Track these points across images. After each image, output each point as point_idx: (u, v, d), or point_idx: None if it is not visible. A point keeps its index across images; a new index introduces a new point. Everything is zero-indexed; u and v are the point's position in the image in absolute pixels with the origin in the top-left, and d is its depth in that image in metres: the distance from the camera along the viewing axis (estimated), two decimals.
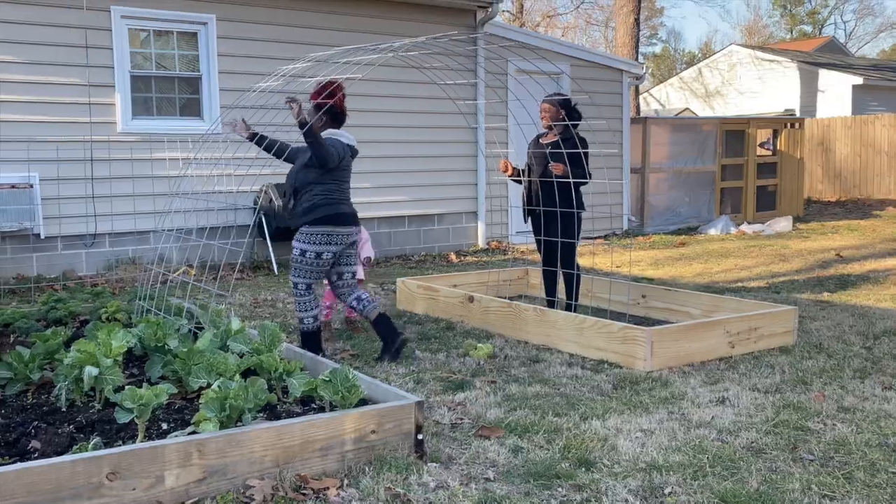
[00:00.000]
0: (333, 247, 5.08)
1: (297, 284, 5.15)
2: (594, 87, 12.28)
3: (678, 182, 13.82)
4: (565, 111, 6.04)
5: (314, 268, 5.09)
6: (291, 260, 5.16)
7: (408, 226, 10.66)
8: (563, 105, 6.06)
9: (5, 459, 3.16)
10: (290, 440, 3.22)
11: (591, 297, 6.90)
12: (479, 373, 4.86)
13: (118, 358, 3.97)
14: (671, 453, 3.56)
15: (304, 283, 5.12)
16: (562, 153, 5.85)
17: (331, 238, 5.06)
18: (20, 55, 8.01)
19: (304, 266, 5.08)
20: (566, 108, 6.06)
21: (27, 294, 7.35)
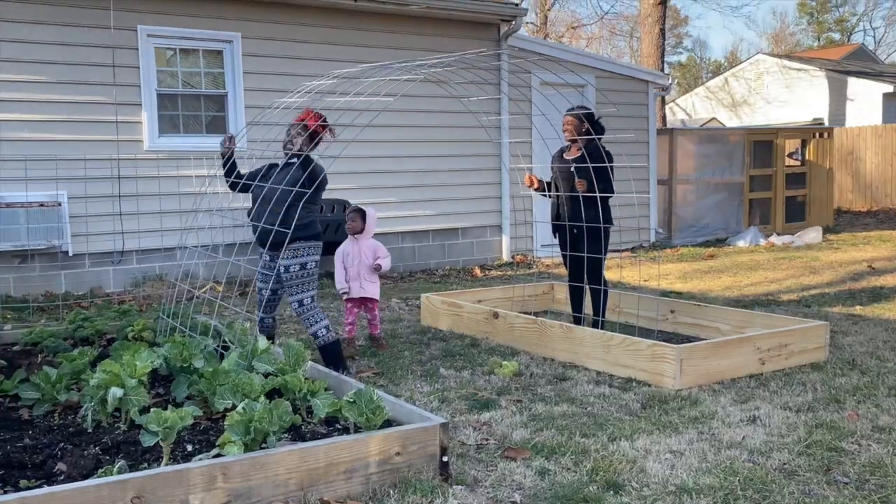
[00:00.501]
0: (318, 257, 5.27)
1: (304, 300, 5.14)
2: (619, 98, 12.21)
3: (706, 193, 13.68)
4: (588, 124, 5.99)
5: (314, 278, 5.20)
6: (291, 278, 5.07)
7: (432, 240, 10.64)
8: (587, 118, 6.02)
9: (31, 482, 3.17)
10: (315, 462, 3.20)
11: (618, 313, 6.82)
12: (504, 391, 4.81)
13: (143, 378, 3.98)
14: (701, 475, 3.49)
15: (310, 295, 5.15)
16: (586, 167, 5.80)
17: (319, 249, 5.23)
18: (49, 75, 8.12)
19: (307, 278, 5.15)
20: (589, 122, 6.01)
21: (55, 311, 7.42)
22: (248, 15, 9.12)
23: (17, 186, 7.88)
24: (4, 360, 4.76)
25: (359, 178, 9.79)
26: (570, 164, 5.96)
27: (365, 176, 9.88)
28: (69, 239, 8.11)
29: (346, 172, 9.53)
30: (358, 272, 5.87)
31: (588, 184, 5.78)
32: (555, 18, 31.70)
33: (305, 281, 5.13)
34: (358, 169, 9.74)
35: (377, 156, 9.96)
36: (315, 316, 5.16)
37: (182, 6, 8.74)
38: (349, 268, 5.90)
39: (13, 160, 7.87)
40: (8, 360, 4.89)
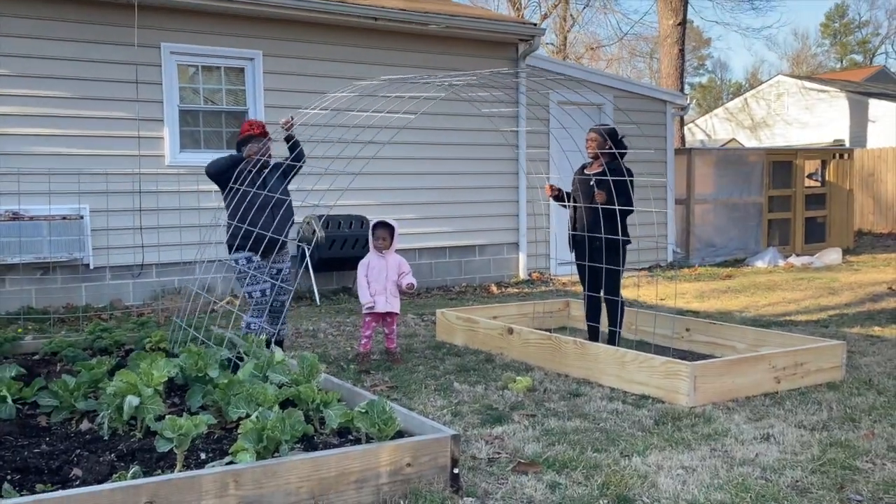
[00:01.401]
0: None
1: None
2: (638, 118, 12.22)
3: (724, 213, 13.64)
4: (612, 141, 6.02)
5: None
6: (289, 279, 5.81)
7: (449, 257, 10.68)
8: (610, 135, 6.05)
9: (48, 486, 3.21)
10: (326, 472, 3.22)
11: (634, 331, 6.81)
12: (517, 406, 4.82)
13: (159, 387, 4.03)
14: (713, 491, 3.48)
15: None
16: (607, 181, 5.82)
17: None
18: (73, 90, 8.26)
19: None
20: (613, 139, 6.04)
21: (76, 323, 7.51)
22: (269, 33, 9.25)
23: (40, 200, 8.01)
24: (24, 368, 4.82)
25: (377, 194, 9.86)
26: (591, 178, 6.00)
27: (383, 192, 9.95)
28: (90, 252, 8.22)
29: (365, 189, 9.62)
30: (384, 287, 5.89)
31: (607, 199, 5.80)
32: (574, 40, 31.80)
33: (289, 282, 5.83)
34: (376, 185, 9.81)
35: (395, 172, 10.03)
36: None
37: (205, 24, 8.88)
38: (374, 282, 5.90)
39: (37, 174, 8.00)
40: (28, 369, 4.96)
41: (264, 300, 5.64)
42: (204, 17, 8.86)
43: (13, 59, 8.00)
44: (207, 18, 8.89)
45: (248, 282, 5.60)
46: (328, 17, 9.40)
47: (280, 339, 5.98)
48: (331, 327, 7.54)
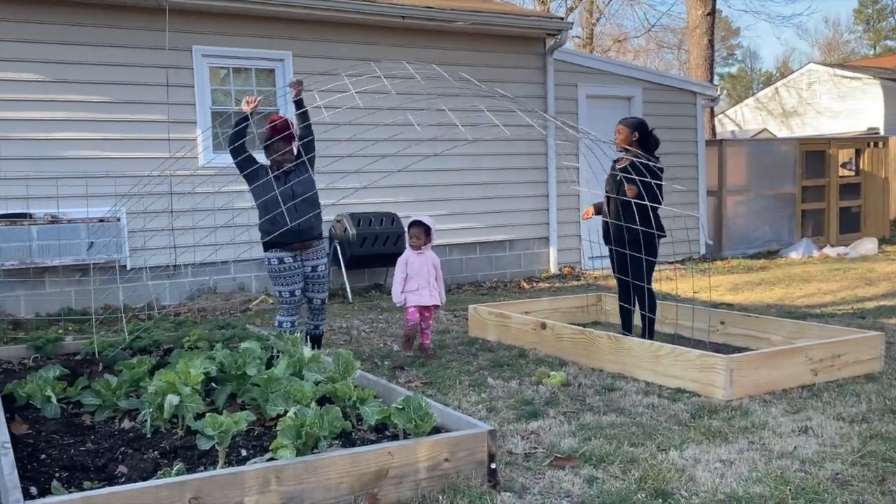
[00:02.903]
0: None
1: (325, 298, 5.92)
2: (667, 110, 12.15)
3: (757, 205, 13.50)
4: (640, 134, 5.99)
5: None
6: (325, 275, 5.85)
7: (479, 252, 10.69)
8: (638, 128, 6.02)
9: (94, 484, 3.29)
10: (366, 467, 3.26)
11: (668, 324, 6.78)
12: (552, 401, 4.83)
13: (197, 386, 4.09)
14: (752, 484, 3.46)
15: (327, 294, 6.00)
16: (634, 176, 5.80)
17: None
18: (108, 95, 8.40)
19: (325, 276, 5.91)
20: (640, 131, 6.01)
21: (114, 323, 7.64)
22: (298, 34, 9.33)
23: (78, 203, 8.16)
24: (67, 368, 4.93)
25: (407, 191, 9.91)
26: (618, 173, 5.98)
27: (413, 189, 9.99)
28: (127, 253, 8.36)
29: (395, 186, 9.67)
30: (427, 281, 5.99)
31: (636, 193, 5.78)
32: (601, 32, 31.60)
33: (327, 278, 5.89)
34: (406, 182, 9.86)
35: (425, 169, 10.06)
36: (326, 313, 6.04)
37: (235, 26, 8.98)
38: (416, 276, 5.97)
39: (75, 177, 8.15)
40: (70, 369, 5.06)
41: (293, 300, 5.71)
42: (234, 19, 8.96)
43: (48, 65, 8.15)
44: (238, 20, 8.99)
45: (278, 281, 5.69)
46: (356, 17, 9.46)
47: (321, 334, 6.07)
48: (364, 324, 7.60)
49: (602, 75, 11.65)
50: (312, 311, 5.92)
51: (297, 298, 5.71)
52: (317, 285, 5.82)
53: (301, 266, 5.72)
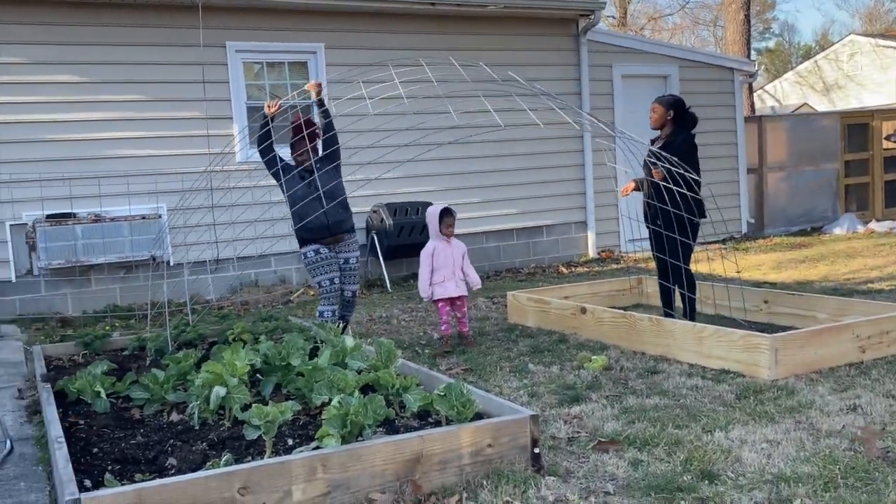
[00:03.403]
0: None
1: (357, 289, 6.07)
2: (704, 87, 11.98)
3: (798, 181, 13.26)
4: (675, 112, 5.91)
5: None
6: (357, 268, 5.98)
7: (516, 238, 10.67)
8: (673, 106, 5.94)
9: (146, 476, 3.36)
10: (410, 454, 3.29)
11: (710, 305, 6.71)
12: (594, 385, 4.81)
13: (243, 377, 4.15)
14: (799, 464, 3.42)
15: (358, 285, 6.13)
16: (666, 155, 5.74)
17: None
18: (146, 93, 8.53)
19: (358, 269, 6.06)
20: (676, 109, 5.93)
21: (159, 318, 7.78)
22: (329, 25, 9.36)
23: (120, 201, 8.31)
24: (115, 364, 5.04)
25: (442, 179, 9.91)
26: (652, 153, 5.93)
27: (447, 177, 9.99)
28: (170, 249, 8.49)
29: (429, 175, 9.68)
30: (453, 272, 5.95)
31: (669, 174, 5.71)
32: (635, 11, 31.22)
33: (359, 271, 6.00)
34: (440, 171, 9.86)
35: (459, 157, 10.05)
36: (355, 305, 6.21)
37: (267, 20, 9.04)
38: (442, 268, 5.93)
39: (117, 176, 8.29)
40: (118, 364, 5.17)
41: (333, 288, 5.80)
42: (266, 13, 9.02)
43: (87, 66, 8.29)
44: (269, 14, 9.05)
45: (317, 272, 5.79)
46: (386, 6, 9.46)
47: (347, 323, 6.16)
48: (403, 313, 7.64)
49: (637, 54, 11.51)
50: (344, 302, 6.02)
51: (336, 287, 5.82)
52: (349, 277, 5.94)
53: (335, 258, 5.84)
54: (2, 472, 3.76)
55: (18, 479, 3.67)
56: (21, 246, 7.98)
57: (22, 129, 7.99)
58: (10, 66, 7.95)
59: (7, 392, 5.10)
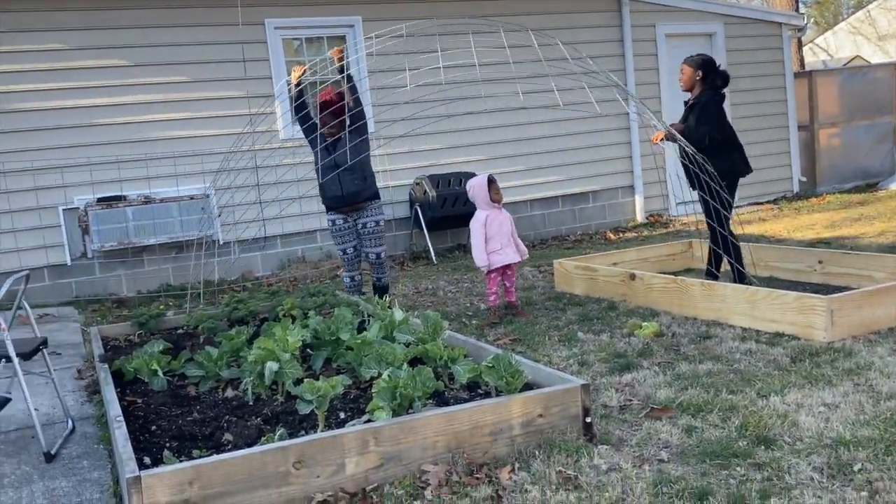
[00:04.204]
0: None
1: (385, 250, 6.17)
2: (751, 44, 11.66)
3: (852, 136, 12.87)
4: (703, 73, 5.77)
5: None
6: (378, 232, 6.06)
7: (562, 206, 10.57)
8: (702, 66, 5.78)
9: (203, 452, 3.43)
10: (460, 425, 3.29)
11: (763, 267, 6.58)
12: (645, 352, 4.76)
13: (295, 352, 4.20)
14: (859, 428, 3.35)
15: (386, 247, 6.24)
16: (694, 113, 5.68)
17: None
18: (188, 74, 8.60)
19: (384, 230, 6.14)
20: (705, 70, 5.77)
21: (211, 297, 7.91)
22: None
23: (168, 182, 8.42)
24: (170, 342, 5.13)
25: (484, 148, 9.84)
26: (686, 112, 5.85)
27: (490, 146, 9.91)
28: (219, 228, 8.60)
29: (472, 144, 9.61)
30: (509, 239, 5.93)
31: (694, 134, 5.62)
32: None
33: (382, 234, 6.11)
34: (483, 140, 9.79)
35: (501, 125, 9.96)
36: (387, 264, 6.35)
37: None
38: (497, 235, 5.86)
39: (165, 158, 8.40)
40: (173, 343, 5.27)
41: (346, 257, 6.17)
42: None
43: (131, 50, 8.37)
44: None
45: (335, 241, 6.19)
46: None
47: (384, 286, 6.33)
48: (449, 284, 7.64)
49: (680, 13, 11.23)
50: (372, 265, 6.27)
51: (349, 256, 6.14)
52: (371, 241, 6.12)
53: (354, 225, 6.10)
54: (65, 451, 3.88)
55: (81, 458, 3.78)
56: (74, 230, 8.16)
57: (70, 114, 8.12)
58: (53, 53, 8.07)
59: (67, 373, 5.24)
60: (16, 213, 7.92)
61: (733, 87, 11.44)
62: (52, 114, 8.05)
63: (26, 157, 7.93)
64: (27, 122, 7.95)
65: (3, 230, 7.87)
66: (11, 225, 7.89)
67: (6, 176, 7.87)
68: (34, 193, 7.97)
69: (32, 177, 7.95)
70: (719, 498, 2.84)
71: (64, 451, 3.87)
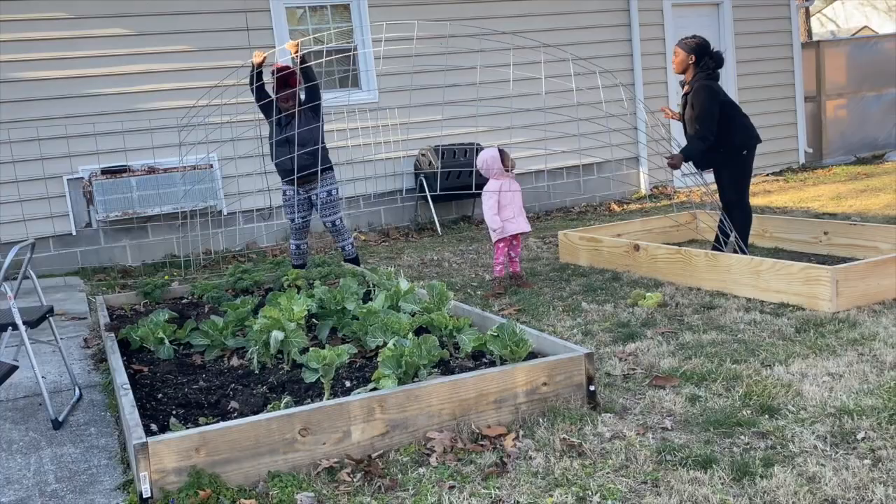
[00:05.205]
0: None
1: (340, 218, 6.42)
2: (759, 13, 11.53)
3: (858, 107, 12.78)
4: (696, 57, 5.65)
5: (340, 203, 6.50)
6: (330, 202, 6.32)
7: (566, 177, 10.53)
8: (695, 50, 5.67)
9: (209, 419, 3.45)
10: (465, 393, 3.31)
11: (768, 238, 6.57)
12: (649, 322, 4.77)
13: (300, 321, 4.21)
14: (863, 397, 3.36)
15: (341, 215, 6.46)
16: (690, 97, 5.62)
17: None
18: (190, 43, 8.54)
19: (338, 200, 6.40)
20: (697, 54, 5.66)
21: (216, 267, 7.93)
22: None
23: (172, 152, 8.40)
24: (175, 312, 5.15)
25: (487, 119, 9.79)
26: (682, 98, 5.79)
27: (493, 117, 9.86)
28: (223, 198, 8.59)
29: (475, 116, 9.55)
30: (520, 208, 5.92)
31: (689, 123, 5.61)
32: None
33: (338, 203, 6.37)
34: (486, 111, 9.73)
35: (504, 96, 9.89)
36: (349, 231, 6.57)
37: None
38: (510, 205, 5.84)
39: (168, 128, 8.37)
40: (179, 312, 5.29)
41: (294, 226, 6.47)
42: None
43: (134, 19, 8.31)
44: None
45: (285, 211, 6.49)
46: None
47: (353, 257, 6.56)
48: (454, 255, 7.64)
49: None
50: (331, 233, 6.52)
51: (297, 225, 6.45)
52: (325, 210, 6.37)
53: (307, 197, 6.37)
54: (72, 418, 3.91)
55: (89, 425, 3.81)
56: (79, 199, 8.15)
57: (76, 84, 8.08)
58: (58, 22, 8.01)
59: (74, 342, 5.27)
60: (22, 183, 7.92)
61: (741, 58, 11.39)
62: (57, 83, 8.02)
63: (32, 126, 7.91)
64: (33, 91, 7.92)
65: (10, 199, 7.88)
66: (18, 194, 7.89)
67: (13, 145, 7.86)
68: (40, 163, 7.97)
69: (39, 146, 7.94)
70: (723, 466, 2.85)
71: (71, 418, 3.91)
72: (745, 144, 5.67)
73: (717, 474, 2.79)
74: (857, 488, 2.65)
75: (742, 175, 5.74)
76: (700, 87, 5.59)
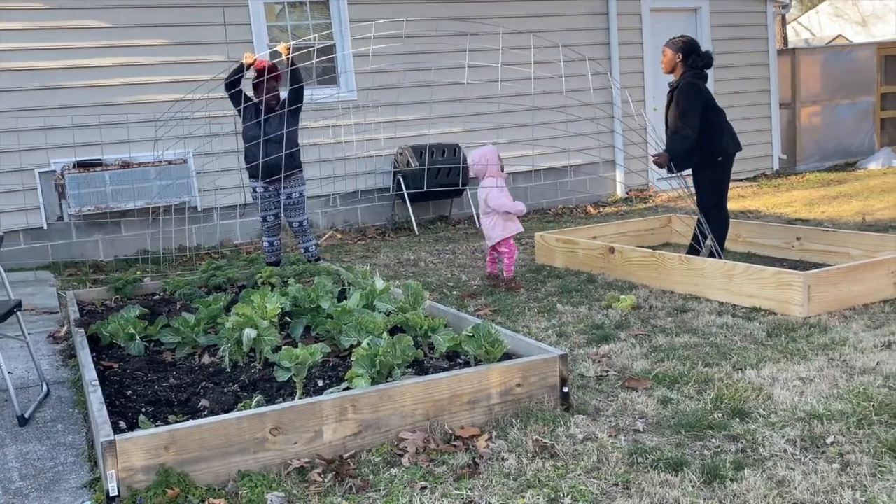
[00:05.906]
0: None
1: (308, 219, 6.44)
2: (736, 20, 11.64)
3: (832, 115, 12.93)
4: (684, 56, 5.68)
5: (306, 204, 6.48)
6: (301, 202, 6.32)
7: (543, 179, 10.56)
8: (683, 49, 5.70)
9: (179, 417, 3.41)
10: (439, 394, 3.30)
11: (741, 242, 6.62)
12: (623, 325, 4.79)
13: (274, 320, 4.18)
14: (833, 401, 3.39)
15: (308, 216, 6.48)
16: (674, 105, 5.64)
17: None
18: (168, 37, 8.45)
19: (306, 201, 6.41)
20: (685, 53, 5.69)
21: (189, 263, 7.85)
22: None
23: (148, 147, 8.30)
24: (147, 308, 5.09)
25: (466, 120, 9.78)
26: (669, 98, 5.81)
27: (471, 118, 9.85)
28: (197, 194, 8.51)
29: (454, 116, 9.55)
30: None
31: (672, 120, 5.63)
32: None
33: (304, 205, 6.37)
34: (464, 111, 9.72)
35: (483, 97, 9.90)
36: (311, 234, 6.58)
37: None
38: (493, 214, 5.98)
39: (144, 122, 8.27)
40: (150, 308, 5.23)
41: (265, 225, 6.42)
42: None
43: (110, 11, 8.21)
44: None
45: (258, 208, 6.43)
46: None
47: (315, 257, 6.55)
48: (431, 255, 7.63)
49: None
50: (295, 234, 6.54)
51: (269, 223, 6.40)
52: (292, 210, 6.36)
53: (276, 195, 6.32)
54: (39, 414, 3.85)
55: (56, 422, 3.76)
56: (51, 193, 8.04)
57: (52, 75, 7.96)
58: (34, 13, 7.90)
59: (42, 337, 5.20)
60: None
61: (717, 64, 11.46)
62: (32, 74, 7.90)
63: (10, 116, 7.79)
64: (8, 82, 7.80)
65: None
66: None
67: None
68: (17, 155, 7.84)
69: (17, 136, 7.82)
70: (694, 468, 2.87)
71: (38, 414, 3.84)
72: (727, 150, 5.69)
73: (688, 477, 2.81)
74: (825, 492, 2.67)
75: (721, 180, 5.76)
76: (686, 85, 5.61)
